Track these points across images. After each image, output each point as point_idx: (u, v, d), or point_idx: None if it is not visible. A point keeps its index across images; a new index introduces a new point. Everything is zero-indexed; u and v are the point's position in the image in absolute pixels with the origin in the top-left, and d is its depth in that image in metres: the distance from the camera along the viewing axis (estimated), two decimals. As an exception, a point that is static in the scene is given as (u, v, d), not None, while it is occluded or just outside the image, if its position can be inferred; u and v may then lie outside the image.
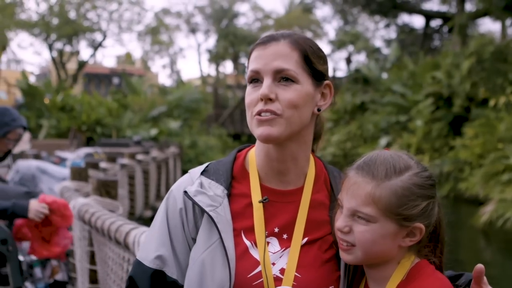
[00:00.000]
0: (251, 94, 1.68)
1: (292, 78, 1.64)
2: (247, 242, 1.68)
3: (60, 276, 4.94)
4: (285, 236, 1.70)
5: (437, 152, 21.74)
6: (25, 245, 4.84)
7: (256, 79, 1.68)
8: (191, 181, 1.76)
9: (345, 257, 1.65)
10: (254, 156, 1.78)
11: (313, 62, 1.68)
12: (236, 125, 39.81)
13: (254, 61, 1.68)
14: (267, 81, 1.64)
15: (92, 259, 4.40)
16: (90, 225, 4.01)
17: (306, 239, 1.70)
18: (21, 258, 4.68)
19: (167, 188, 18.18)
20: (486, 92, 20.88)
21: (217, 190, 1.72)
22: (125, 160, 11.68)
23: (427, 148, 21.89)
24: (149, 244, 1.74)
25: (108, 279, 3.86)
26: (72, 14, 41.31)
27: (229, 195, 1.73)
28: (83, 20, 41.91)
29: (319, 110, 1.72)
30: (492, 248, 14.42)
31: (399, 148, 22.61)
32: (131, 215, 11.72)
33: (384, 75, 29.89)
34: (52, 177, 9.21)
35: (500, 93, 20.15)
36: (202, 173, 1.78)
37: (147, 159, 13.99)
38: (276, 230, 1.70)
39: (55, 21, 40.66)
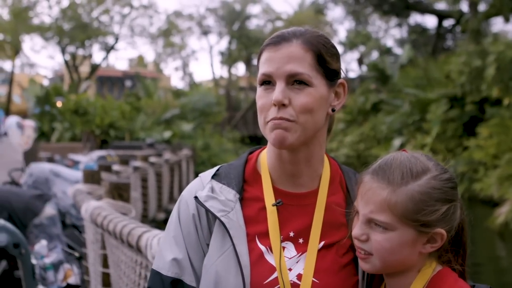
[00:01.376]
0: (263, 98, 1.63)
1: (306, 81, 1.59)
2: (262, 247, 1.63)
3: (73, 280, 4.93)
4: (301, 240, 1.65)
5: (451, 152, 21.60)
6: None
7: (267, 81, 1.62)
8: (202, 185, 1.71)
9: (363, 265, 1.59)
10: (265, 158, 1.73)
11: (327, 62, 1.63)
12: (249, 127, 39.81)
13: (265, 64, 1.62)
14: (280, 86, 1.58)
15: (105, 262, 4.38)
16: (102, 228, 4.00)
17: (323, 243, 1.65)
18: (34, 261, 4.68)
19: (180, 190, 18.19)
20: (500, 91, 20.73)
21: (229, 194, 1.67)
22: (138, 163, 11.69)
23: (441, 148, 21.76)
24: (164, 253, 1.70)
25: (121, 283, 3.84)
26: (84, 18, 41.50)
27: (241, 199, 1.67)
28: (96, 23, 42.09)
29: (333, 110, 1.67)
30: (509, 250, 14.28)
31: (413, 149, 22.52)
32: (144, 218, 11.72)
33: (397, 75, 29.75)
34: (65, 180, 9.25)
35: None
36: (213, 177, 1.72)
37: (160, 162, 14.00)
38: (292, 234, 1.65)
39: (68, 25, 40.86)
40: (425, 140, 22.74)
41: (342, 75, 1.71)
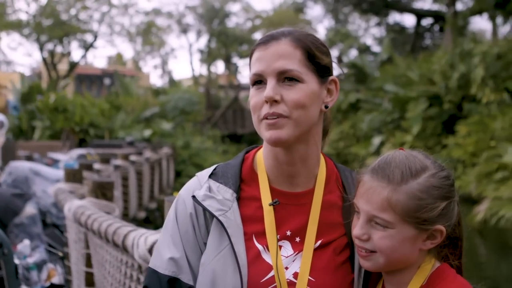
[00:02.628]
0: (255, 97, 1.64)
1: (297, 78, 1.60)
2: (259, 246, 1.64)
3: (56, 279, 4.89)
4: (297, 239, 1.67)
5: (430, 150, 21.60)
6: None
7: (259, 81, 1.63)
8: (199, 184, 1.72)
9: (364, 264, 1.60)
10: (262, 158, 1.74)
11: (316, 57, 1.64)
12: (228, 125, 39.76)
13: (256, 63, 1.64)
14: (271, 83, 1.60)
15: (88, 261, 4.35)
16: (86, 227, 3.97)
17: (319, 241, 1.67)
18: (16, 261, 4.64)
19: (161, 189, 18.11)
20: (479, 89, 20.91)
21: (226, 193, 1.68)
22: (118, 161, 11.61)
23: (420, 147, 21.82)
24: (162, 251, 1.70)
25: (106, 282, 3.82)
26: (63, 15, 41.19)
27: (238, 199, 1.69)
28: (75, 21, 41.79)
29: (326, 107, 1.68)
30: (487, 247, 14.43)
31: (393, 147, 22.63)
32: (125, 217, 11.65)
33: (376, 73, 29.88)
34: (45, 179, 9.16)
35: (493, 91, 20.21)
36: (210, 176, 1.74)
37: (141, 160, 13.93)
38: (288, 233, 1.67)
39: (46, 22, 40.52)
40: (405, 138, 22.86)
41: (334, 73, 1.72)
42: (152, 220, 15.47)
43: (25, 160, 12.52)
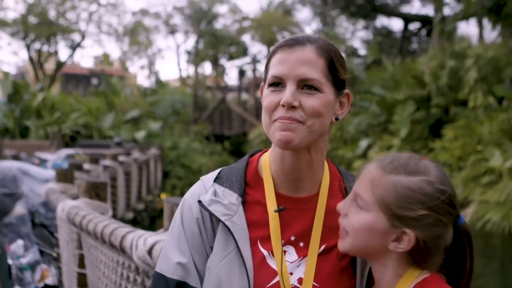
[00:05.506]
0: (270, 97, 1.63)
1: (317, 87, 1.60)
2: (264, 252, 1.65)
3: (50, 280, 4.86)
4: (301, 244, 1.67)
5: (417, 154, 21.75)
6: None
7: (277, 83, 1.63)
8: (204, 189, 1.72)
9: (339, 245, 1.63)
10: (268, 162, 1.74)
11: (337, 70, 1.65)
12: (215, 126, 39.70)
13: (277, 65, 1.63)
14: (290, 88, 1.59)
15: (81, 262, 4.33)
16: (81, 228, 3.95)
17: (323, 246, 1.68)
18: (10, 261, 4.60)
19: (148, 190, 18.05)
20: (472, 91, 21.01)
21: (232, 198, 1.68)
22: (107, 162, 11.57)
23: (407, 150, 21.89)
24: (169, 255, 1.70)
25: (100, 283, 3.80)
26: (51, 14, 40.97)
27: (243, 203, 1.69)
28: (62, 20, 41.59)
29: (337, 119, 1.69)
30: (474, 250, 14.48)
31: (380, 150, 22.71)
32: (113, 217, 11.61)
33: (363, 76, 29.96)
34: (34, 178, 9.11)
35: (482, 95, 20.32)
36: (215, 181, 1.73)
37: (129, 161, 13.88)
38: (293, 238, 1.67)
39: (33, 20, 40.30)
40: (392, 141, 22.93)
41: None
42: (140, 221, 15.42)
43: (12, 159, 12.43)
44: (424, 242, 1.53)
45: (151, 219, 16.90)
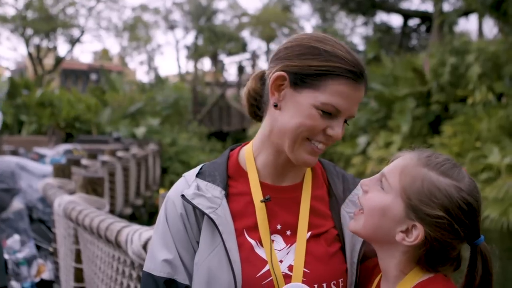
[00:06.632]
0: (317, 121, 1.62)
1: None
2: (252, 241, 1.66)
3: (46, 275, 4.86)
4: (288, 232, 1.69)
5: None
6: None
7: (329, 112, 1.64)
8: (187, 184, 1.73)
9: (351, 224, 1.65)
10: (251, 154, 1.75)
11: None
12: (214, 122, 39.67)
13: (339, 98, 1.62)
14: (341, 122, 1.64)
15: (78, 257, 4.33)
16: (77, 223, 3.95)
17: (309, 233, 1.69)
18: (6, 256, 4.60)
19: (147, 186, 18.06)
20: (464, 90, 21.02)
21: (215, 191, 1.69)
22: (105, 157, 11.57)
23: (406, 146, 21.86)
24: (155, 253, 1.70)
25: (96, 278, 3.80)
26: (50, 9, 40.93)
27: (227, 195, 1.70)
28: (62, 15, 41.55)
29: None
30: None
31: (377, 147, 22.70)
32: (111, 213, 11.60)
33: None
34: (32, 173, 9.12)
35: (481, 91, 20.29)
36: (197, 176, 1.74)
37: (127, 156, 13.88)
38: (279, 227, 1.69)
39: (32, 15, 40.25)
40: (391, 138, 22.89)
41: None
42: (138, 216, 15.43)
43: (10, 155, 12.43)
44: (431, 244, 1.53)
45: (149, 215, 16.91)
